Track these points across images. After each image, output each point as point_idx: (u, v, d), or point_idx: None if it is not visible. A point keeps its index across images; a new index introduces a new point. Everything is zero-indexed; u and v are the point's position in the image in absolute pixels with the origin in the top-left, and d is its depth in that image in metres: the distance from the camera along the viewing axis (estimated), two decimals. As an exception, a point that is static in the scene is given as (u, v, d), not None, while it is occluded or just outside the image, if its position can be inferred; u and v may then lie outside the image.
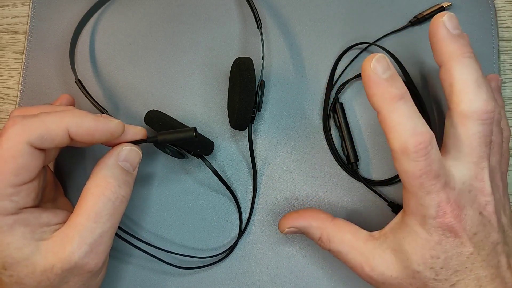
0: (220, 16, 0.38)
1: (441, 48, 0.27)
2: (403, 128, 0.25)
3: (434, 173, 0.25)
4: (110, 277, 0.34)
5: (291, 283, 0.34)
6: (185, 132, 0.28)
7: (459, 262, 0.26)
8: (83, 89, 0.34)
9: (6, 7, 0.40)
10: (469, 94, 0.26)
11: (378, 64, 0.25)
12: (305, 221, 0.31)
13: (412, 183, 0.25)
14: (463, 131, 0.26)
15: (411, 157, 0.25)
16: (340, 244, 0.29)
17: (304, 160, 0.35)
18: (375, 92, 0.25)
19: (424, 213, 0.26)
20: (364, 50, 0.37)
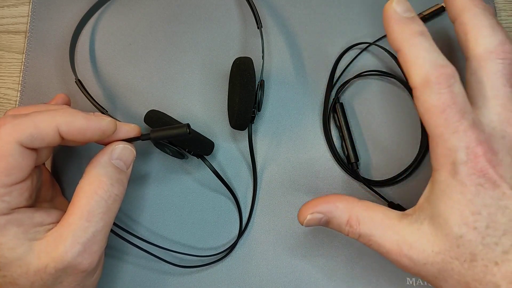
0: (220, 16, 0.38)
1: (453, 1, 0.27)
2: (424, 60, 0.24)
3: (460, 107, 0.23)
4: (109, 276, 0.34)
5: (291, 283, 0.34)
6: (178, 128, 0.28)
7: (507, 220, 0.22)
8: (83, 89, 0.34)
9: (6, 7, 0.40)
10: (485, 36, 0.25)
11: (399, 5, 0.25)
12: (330, 204, 0.27)
13: (437, 121, 0.24)
14: (483, 74, 0.25)
15: (434, 89, 0.23)
16: (372, 225, 0.26)
17: (304, 160, 0.35)
18: (396, 29, 0.25)
19: (453, 158, 0.23)
20: (364, 50, 0.37)
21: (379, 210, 0.26)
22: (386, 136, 0.36)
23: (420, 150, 0.35)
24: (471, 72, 0.26)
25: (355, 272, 0.34)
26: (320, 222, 0.28)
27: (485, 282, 0.23)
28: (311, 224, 0.28)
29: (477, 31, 0.25)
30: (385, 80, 0.36)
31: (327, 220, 0.27)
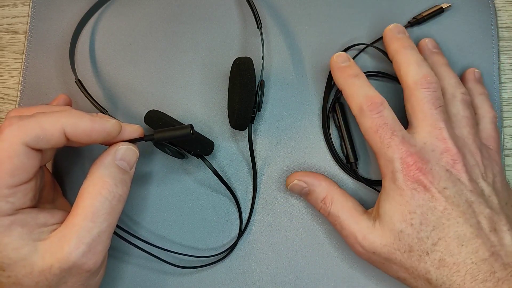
0: (220, 16, 0.38)
1: (389, 46, 0.34)
2: (357, 94, 0.31)
3: (390, 127, 0.29)
4: (110, 276, 0.34)
5: (291, 283, 0.34)
6: (182, 129, 0.28)
7: (435, 218, 0.28)
8: (83, 89, 0.34)
9: (6, 7, 0.40)
10: (412, 70, 0.31)
11: (338, 57, 0.33)
12: (316, 179, 0.33)
13: (374, 139, 0.30)
14: (414, 101, 0.31)
15: (367, 115, 0.30)
16: (341, 209, 0.31)
17: (304, 160, 0.35)
18: (337, 74, 0.33)
19: (391, 168, 0.29)
20: (362, 51, 0.37)
21: (351, 200, 0.32)
22: (386, 136, 0.36)
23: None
24: (406, 99, 0.31)
25: (355, 272, 0.34)
26: (302, 191, 0.33)
27: (419, 268, 0.28)
28: (294, 190, 0.33)
29: (406, 66, 0.32)
30: (384, 80, 0.36)
31: (308, 191, 0.33)
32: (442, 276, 0.27)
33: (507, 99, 0.37)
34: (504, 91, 0.37)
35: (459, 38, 0.37)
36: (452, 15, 0.37)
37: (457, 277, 0.27)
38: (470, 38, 0.37)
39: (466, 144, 0.30)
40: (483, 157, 0.30)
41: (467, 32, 0.37)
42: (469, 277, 0.26)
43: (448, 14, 0.37)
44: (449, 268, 0.27)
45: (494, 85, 0.36)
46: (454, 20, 0.37)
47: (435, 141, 0.29)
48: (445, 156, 0.29)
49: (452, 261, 0.27)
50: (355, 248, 0.31)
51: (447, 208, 0.28)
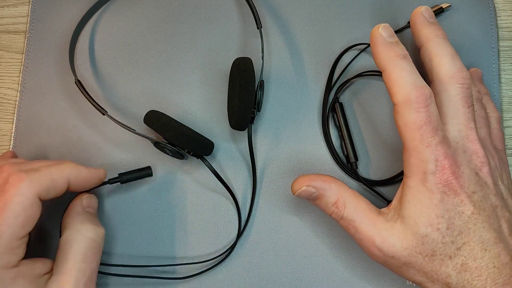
0: (220, 16, 0.38)
1: (420, 31, 0.31)
2: (406, 81, 0.27)
3: (434, 125, 0.27)
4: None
5: (291, 284, 0.34)
6: (144, 171, 0.33)
7: (462, 222, 0.27)
8: (82, 89, 0.34)
9: (6, 7, 0.40)
10: (447, 63, 0.29)
11: (384, 30, 0.28)
12: (325, 182, 0.30)
13: (413, 135, 0.27)
14: (446, 96, 0.29)
15: (413, 107, 0.27)
16: (355, 211, 0.29)
17: (304, 160, 0.35)
18: (381, 50, 0.28)
19: (424, 169, 0.27)
20: (363, 51, 0.37)
21: (364, 201, 0.30)
22: (386, 136, 0.36)
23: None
24: (436, 93, 0.29)
25: (356, 272, 0.34)
26: (311, 196, 0.30)
27: (440, 272, 0.27)
28: (303, 195, 0.30)
29: (440, 58, 0.29)
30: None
31: (317, 196, 0.30)
32: (463, 280, 0.26)
33: (507, 99, 0.37)
34: (504, 91, 0.37)
35: (459, 38, 0.37)
36: (452, 15, 0.37)
37: (478, 281, 0.26)
38: (470, 38, 0.37)
39: (487, 145, 0.30)
40: (499, 159, 0.30)
41: (467, 32, 0.37)
42: (490, 281, 0.26)
43: (448, 14, 0.37)
44: (470, 273, 0.26)
45: (494, 85, 0.36)
46: (454, 20, 0.37)
47: (466, 142, 0.28)
48: (474, 158, 0.28)
49: (475, 266, 0.26)
50: (371, 252, 0.29)
51: (474, 213, 0.27)
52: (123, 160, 0.36)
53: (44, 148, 0.36)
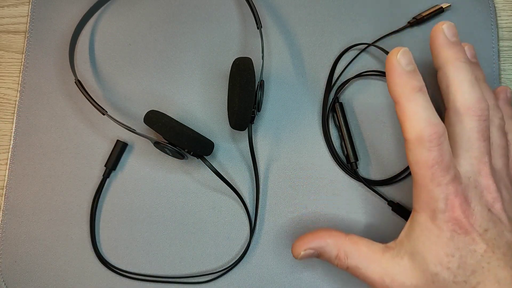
0: (220, 16, 0.38)
1: (439, 53, 0.29)
2: (420, 117, 0.26)
3: (446, 164, 0.26)
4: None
5: (291, 284, 0.34)
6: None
7: (475, 261, 0.25)
8: (82, 89, 0.34)
9: (6, 7, 0.40)
10: (464, 93, 0.27)
11: (403, 57, 0.26)
12: (321, 239, 0.30)
13: (424, 174, 0.26)
14: (460, 128, 0.27)
15: (425, 145, 0.26)
16: (358, 258, 0.28)
17: (304, 160, 0.35)
18: (397, 82, 0.26)
19: (434, 207, 0.26)
20: (363, 51, 0.37)
21: (364, 244, 0.29)
22: (385, 136, 0.36)
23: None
24: (450, 123, 0.28)
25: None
26: (312, 256, 0.30)
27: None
28: (305, 258, 0.30)
29: (458, 85, 0.28)
30: (385, 80, 0.36)
31: (318, 254, 0.30)
32: None
33: (507, 99, 0.37)
34: (504, 91, 0.37)
35: (459, 38, 0.37)
36: (452, 15, 0.37)
37: None
38: (470, 38, 0.37)
39: (502, 177, 0.28)
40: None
41: (467, 32, 0.37)
42: None
43: (448, 14, 0.37)
44: None
45: (494, 85, 0.36)
46: (454, 20, 0.37)
47: (478, 177, 0.27)
48: (485, 194, 0.27)
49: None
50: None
51: (487, 251, 0.26)
52: (123, 160, 0.36)
53: (44, 148, 0.36)
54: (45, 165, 0.36)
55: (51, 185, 0.36)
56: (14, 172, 0.36)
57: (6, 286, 0.34)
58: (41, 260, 0.35)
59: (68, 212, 0.35)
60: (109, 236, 0.35)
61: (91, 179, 0.36)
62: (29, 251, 0.35)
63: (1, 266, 0.35)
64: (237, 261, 0.34)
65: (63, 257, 0.35)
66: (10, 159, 0.36)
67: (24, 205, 0.36)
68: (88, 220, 0.35)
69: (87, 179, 0.36)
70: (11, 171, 0.36)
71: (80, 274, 0.34)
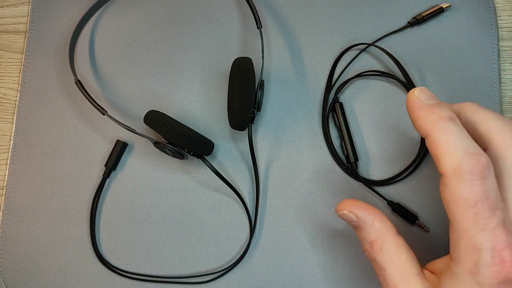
0: (220, 16, 0.38)
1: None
2: (456, 147, 0.22)
3: (492, 203, 0.22)
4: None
5: (291, 284, 0.34)
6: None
7: None
8: (82, 89, 0.34)
9: (6, 7, 0.40)
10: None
11: (421, 93, 0.25)
12: (370, 216, 0.27)
13: (465, 214, 0.22)
14: (505, 164, 0.24)
15: (466, 178, 0.22)
16: (390, 261, 0.25)
17: (304, 160, 0.35)
18: (422, 114, 0.24)
19: (476, 259, 0.22)
20: (363, 51, 0.37)
21: (405, 254, 0.26)
22: (385, 136, 0.36)
23: (419, 150, 0.35)
24: (499, 170, 0.24)
25: (356, 273, 0.34)
26: (351, 223, 0.27)
27: None
28: (343, 218, 0.28)
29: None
30: (385, 80, 0.36)
31: (357, 226, 0.27)
32: None
33: (507, 99, 0.37)
34: (504, 91, 0.37)
35: (459, 38, 0.37)
36: (452, 15, 0.37)
37: None
38: (470, 38, 0.37)
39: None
40: None
41: (467, 32, 0.37)
42: None
43: (448, 14, 0.37)
44: None
45: (494, 85, 0.36)
46: (454, 20, 0.37)
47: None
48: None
49: None
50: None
51: None
52: (123, 160, 0.36)
53: (44, 148, 0.36)
54: (45, 165, 0.36)
55: (51, 185, 0.36)
56: (14, 172, 0.36)
57: (6, 286, 0.34)
58: (41, 260, 0.35)
59: (68, 212, 0.35)
60: (109, 236, 0.35)
61: (91, 179, 0.36)
62: (29, 251, 0.35)
63: (1, 266, 0.35)
64: (237, 261, 0.34)
65: (63, 257, 0.35)
66: (10, 159, 0.36)
67: (24, 205, 0.36)
68: (88, 220, 0.35)
69: (87, 179, 0.36)
70: (11, 171, 0.36)
71: (80, 274, 0.34)
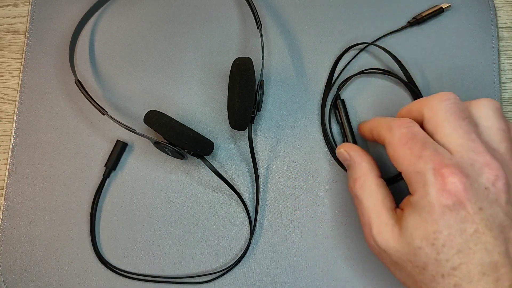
0: (220, 16, 0.38)
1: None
2: (389, 121, 0.29)
3: (420, 139, 0.27)
4: None
5: (291, 284, 0.34)
6: None
7: (463, 241, 0.24)
8: (82, 89, 0.34)
9: (6, 7, 0.40)
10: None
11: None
12: (359, 157, 0.31)
13: (402, 152, 0.27)
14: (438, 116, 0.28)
15: (395, 129, 0.28)
16: (368, 196, 0.29)
17: (304, 159, 0.35)
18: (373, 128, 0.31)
19: (423, 181, 0.26)
20: (362, 50, 0.37)
21: (383, 192, 0.29)
22: (386, 136, 0.36)
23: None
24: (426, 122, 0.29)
25: (356, 273, 0.34)
26: (344, 161, 0.32)
27: (430, 286, 0.26)
28: (339, 157, 0.33)
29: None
30: (386, 78, 0.36)
31: (348, 164, 0.32)
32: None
33: (507, 99, 0.37)
34: (504, 91, 0.37)
35: (459, 38, 0.37)
36: (452, 15, 0.37)
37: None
38: (470, 38, 0.37)
39: (505, 161, 0.27)
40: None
41: (467, 32, 0.37)
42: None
43: (448, 14, 0.37)
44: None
45: (494, 85, 0.36)
46: (454, 20, 0.37)
47: (472, 155, 0.26)
48: (486, 171, 0.25)
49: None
50: (368, 240, 0.29)
51: (477, 232, 0.24)
52: (123, 160, 0.36)
53: (44, 148, 0.36)
54: (45, 165, 0.36)
55: (51, 185, 0.36)
56: (14, 172, 0.36)
57: (6, 286, 0.34)
58: (41, 260, 0.35)
59: (68, 212, 0.35)
60: (109, 236, 0.35)
61: (91, 179, 0.36)
62: (29, 251, 0.35)
63: (1, 266, 0.35)
64: (237, 261, 0.34)
65: (63, 257, 0.35)
66: (10, 159, 0.36)
67: (24, 205, 0.36)
68: (88, 220, 0.35)
69: (87, 179, 0.36)
70: (11, 171, 0.36)
71: (80, 274, 0.34)
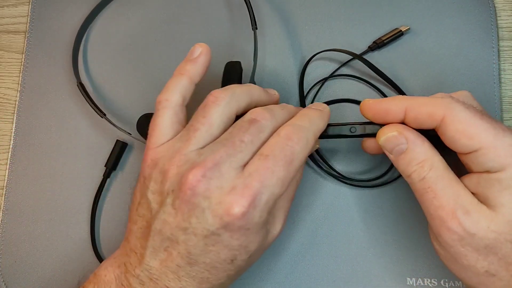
0: (220, 17, 0.38)
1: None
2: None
3: (487, 113, 0.26)
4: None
5: (291, 283, 0.34)
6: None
7: None
8: (83, 92, 0.34)
9: (6, 7, 0.40)
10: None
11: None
12: (419, 137, 0.26)
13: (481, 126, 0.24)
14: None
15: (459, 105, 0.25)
16: (441, 177, 0.25)
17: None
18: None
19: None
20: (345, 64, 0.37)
21: (452, 173, 0.25)
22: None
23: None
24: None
25: (355, 273, 0.34)
26: (397, 147, 0.26)
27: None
28: (388, 143, 0.26)
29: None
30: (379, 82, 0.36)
31: (403, 150, 0.26)
32: None
33: (507, 99, 0.37)
34: (504, 91, 0.37)
35: (459, 38, 0.37)
36: (452, 15, 0.37)
37: None
38: (470, 38, 0.37)
39: None
40: None
41: (467, 32, 0.37)
42: None
43: (448, 14, 0.37)
44: None
45: (494, 85, 0.36)
46: (454, 20, 0.37)
47: None
48: None
49: None
50: (447, 225, 0.24)
51: None
52: (123, 160, 0.36)
53: (44, 148, 0.36)
54: (45, 165, 0.36)
55: (51, 185, 0.36)
56: (14, 172, 0.36)
57: (6, 286, 0.34)
58: (41, 260, 0.35)
59: (68, 212, 0.35)
60: (109, 236, 0.35)
61: (91, 179, 0.36)
62: (29, 251, 0.35)
63: (1, 266, 0.35)
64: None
65: (63, 257, 0.35)
66: (10, 159, 0.36)
67: (24, 205, 0.36)
68: (88, 220, 0.35)
69: (87, 179, 0.36)
70: (11, 171, 0.36)
71: (80, 274, 0.34)
